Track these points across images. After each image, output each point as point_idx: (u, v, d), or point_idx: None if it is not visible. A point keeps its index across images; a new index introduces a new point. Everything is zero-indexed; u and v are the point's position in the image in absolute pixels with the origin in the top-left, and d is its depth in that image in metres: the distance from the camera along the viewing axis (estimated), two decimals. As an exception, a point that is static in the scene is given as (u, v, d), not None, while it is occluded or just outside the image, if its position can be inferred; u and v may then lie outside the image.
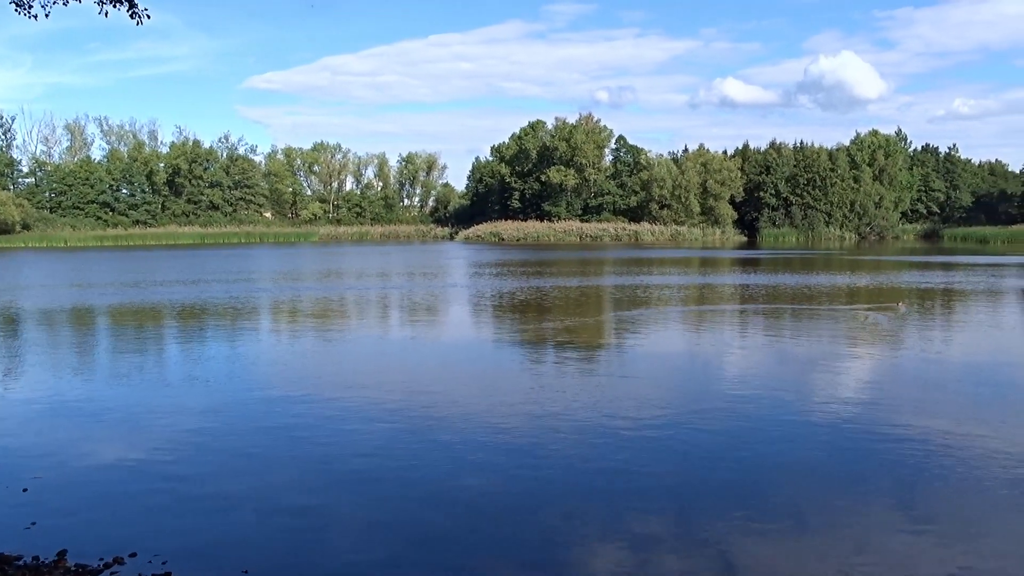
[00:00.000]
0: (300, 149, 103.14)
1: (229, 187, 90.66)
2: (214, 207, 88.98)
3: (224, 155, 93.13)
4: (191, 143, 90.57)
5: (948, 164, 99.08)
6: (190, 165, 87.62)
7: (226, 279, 29.58)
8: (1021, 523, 5.74)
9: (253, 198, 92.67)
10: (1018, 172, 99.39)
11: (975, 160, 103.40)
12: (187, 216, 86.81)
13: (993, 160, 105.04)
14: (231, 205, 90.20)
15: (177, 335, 15.84)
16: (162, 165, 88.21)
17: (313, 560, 5.28)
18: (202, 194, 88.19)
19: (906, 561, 5.13)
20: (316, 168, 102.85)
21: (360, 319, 18.41)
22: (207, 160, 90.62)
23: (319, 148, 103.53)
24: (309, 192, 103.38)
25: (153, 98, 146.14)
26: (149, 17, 7.25)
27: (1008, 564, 5.09)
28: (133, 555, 5.28)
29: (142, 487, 6.64)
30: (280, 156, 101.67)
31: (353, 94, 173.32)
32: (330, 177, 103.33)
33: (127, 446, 7.76)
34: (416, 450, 7.52)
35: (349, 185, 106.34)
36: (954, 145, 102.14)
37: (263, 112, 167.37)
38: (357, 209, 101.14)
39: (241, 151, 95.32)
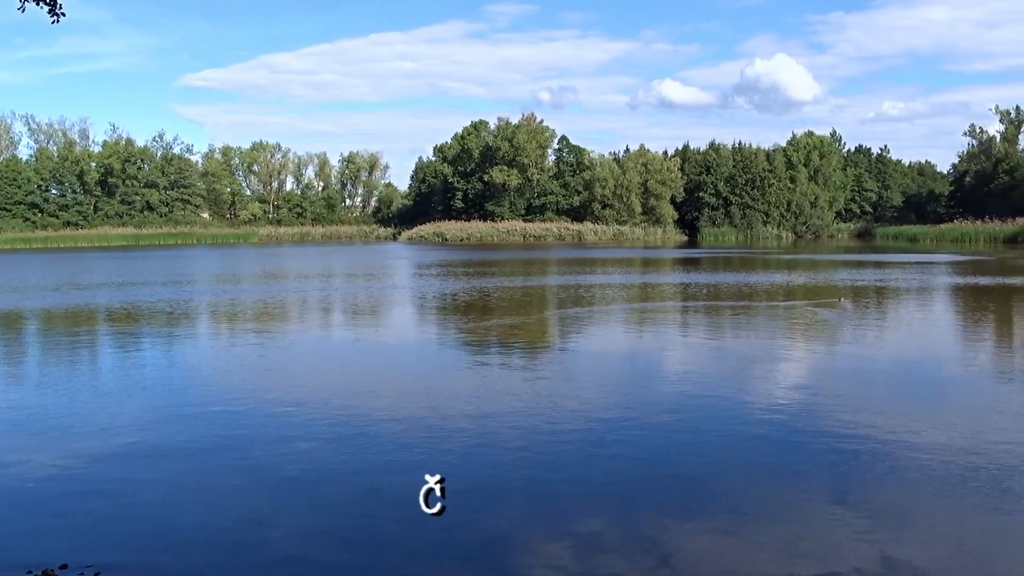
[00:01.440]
0: (238, 148, 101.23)
1: (165, 187, 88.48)
2: (149, 208, 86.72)
3: (159, 154, 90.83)
4: (124, 142, 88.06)
5: (880, 165, 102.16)
6: (123, 165, 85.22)
7: (162, 282, 28.86)
8: (948, 512, 5.92)
9: (190, 198, 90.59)
10: (945, 173, 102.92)
11: (905, 161, 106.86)
12: (121, 217, 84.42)
13: (922, 161, 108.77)
14: (167, 206, 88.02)
15: (110, 341, 15.40)
16: (94, 164, 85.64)
17: (255, 568, 5.17)
18: (136, 194, 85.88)
19: (840, 550, 5.25)
20: (255, 168, 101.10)
21: (301, 322, 18.15)
22: (141, 159, 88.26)
23: (258, 147, 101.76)
24: (248, 192, 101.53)
25: (84, 96, 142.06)
26: (64, 15, 7.01)
27: (936, 550, 5.26)
28: (63, 567, 5.09)
29: (73, 497, 6.41)
30: (218, 155, 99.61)
31: (292, 93, 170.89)
32: (270, 177, 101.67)
33: (57, 456, 7.49)
34: (360, 453, 7.43)
35: (289, 185, 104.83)
36: (885, 146, 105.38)
37: (199, 111, 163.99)
38: (298, 209, 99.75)
39: (177, 150, 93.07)
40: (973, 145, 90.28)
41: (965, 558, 5.18)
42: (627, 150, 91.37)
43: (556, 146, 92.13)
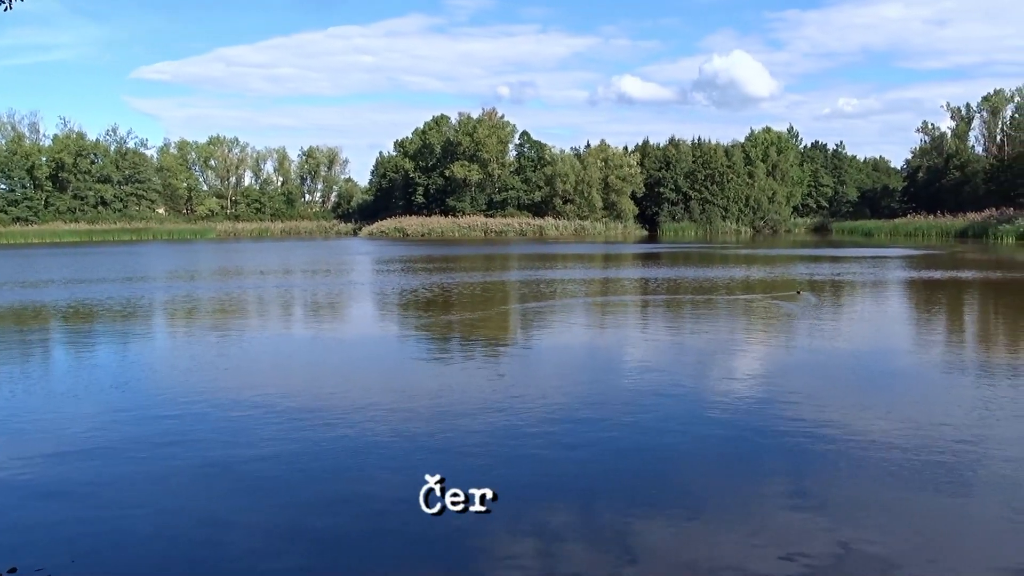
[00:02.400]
0: (195, 143, 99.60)
1: (119, 182, 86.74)
2: (103, 203, 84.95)
3: (113, 149, 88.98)
4: (76, 136, 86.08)
5: (836, 160, 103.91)
6: (75, 159, 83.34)
7: (115, 279, 28.28)
8: (902, 502, 6.02)
9: (145, 194, 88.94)
10: (899, 168, 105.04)
11: (860, 157, 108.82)
12: (73, 213, 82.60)
13: (877, 157, 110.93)
14: (121, 201, 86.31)
15: (60, 341, 15.04)
16: (44, 159, 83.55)
17: (213, 569, 5.07)
18: (89, 189, 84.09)
19: (798, 541, 5.31)
20: (212, 162, 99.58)
21: (260, 319, 17.90)
22: (94, 154, 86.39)
23: (215, 142, 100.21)
24: (205, 187, 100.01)
25: (34, 88, 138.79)
26: (11, 7, 6.79)
27: (893, 539, 5.34)
28: (12, 570, 4.94)
29: (24, 500, 6.24)
30: (173, 150, 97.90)
31: (250, 86, 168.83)
32: (227, 172, 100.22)
33: (7, 458, 7.28)
34: (319, 452, 7.33)
35: (248, 180, 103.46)
36: (841, 142, 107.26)
37: (154, 104, 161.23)
38: (257, 205, 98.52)
39: (131, 144, 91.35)
40: (925, 141, 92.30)
41: (921, 546, 5.27)
42: (588, 145, 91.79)
43: (517, 141, 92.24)
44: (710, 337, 14.28)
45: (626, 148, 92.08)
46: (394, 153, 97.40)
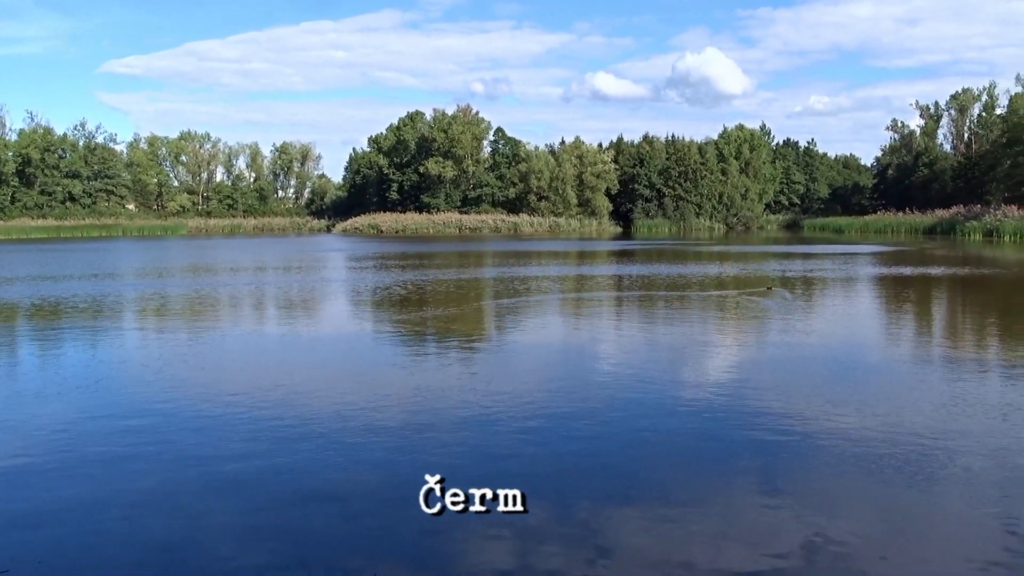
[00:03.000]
0: (165, 138, 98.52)
1: (88, 178, 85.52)
2: (71, 199, 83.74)
3: (81, 144, 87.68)
4: (43, 130, 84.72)
5: (807, 158, 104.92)
6: (43, 154, 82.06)
7: (83, 275, 27.87)
8: (869, 494, 6.09)
9: (114, 189, 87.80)
10: (869, 166, 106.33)
11: (831, 154, 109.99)
12: (40, 208, 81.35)
13: (847, 154, 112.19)
14: (90, 197, 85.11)
15: (27, 339, 14.79)
16: (11, 154, 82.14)
17: (188, 568, 5.01)
18: (57, 185, 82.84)
19: (769, 533, 5.37)
20: (183, 158, 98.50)
21: (232, 317, 17.72)
22: (62, 149, 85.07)
23: (186, 137, 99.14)
24: (176, 183, 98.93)
25: (0, 82, 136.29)
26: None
27: (863, 531, 5.40)
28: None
29: (-14, 500, 6.11)
30: (143, 145, 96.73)
31: (221, 81, 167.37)
32: (199, 168, 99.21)
33: (-31, 457, 7.12)
34: (292, 450, 7.27)
35: (219, 176, 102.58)
36: (812, 140, 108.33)
37: (124, 99, 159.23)
38: (229, 201, 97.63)
39: (100, 139, 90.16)
40: (895, 139, 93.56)
41: (890, 537, 5.33)
42: (562, 142, 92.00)
43: (492, 138, 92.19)
44: (683, 333, 14.35)
45: (600, 145, 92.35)
46: (368, 149, 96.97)
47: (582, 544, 5.26)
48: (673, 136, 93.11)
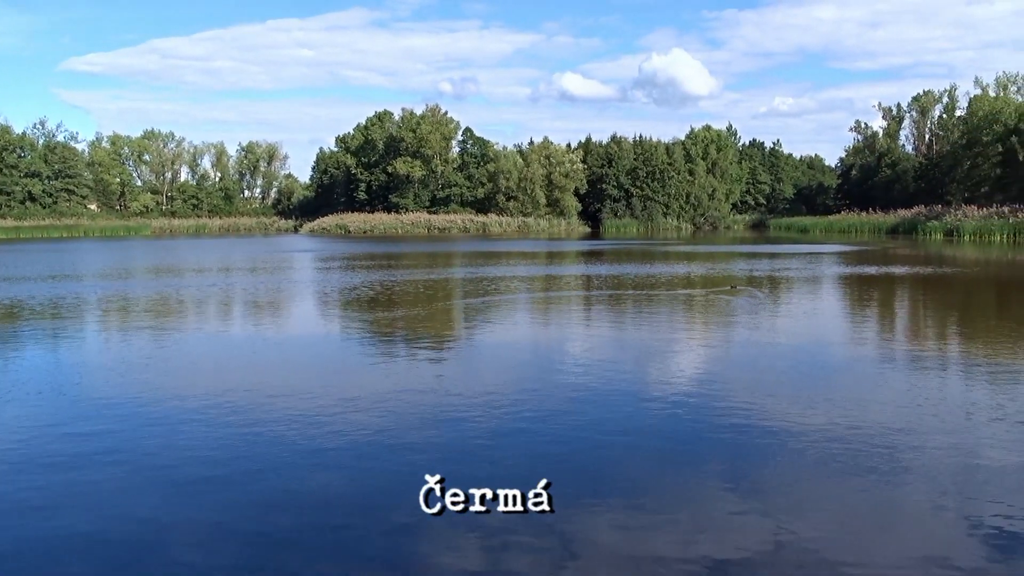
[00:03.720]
0: (128, 137, 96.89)
1: (48, 177, 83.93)
2: (31, 198, 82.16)
3: (41, 142, 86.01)
4: (1, 129, 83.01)
5: (773, 158, 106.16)
6: (1, 153, 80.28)
7: (44, 276, 27.31)
8: (834, 492, 6.17)
9: (76, 189, 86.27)
10: (833, 166, 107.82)
11: (796, 155, 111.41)
12: (-1, 208, 79.59)
13: (812, 155, 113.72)
14: (51, 196, 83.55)
15: (-15, 338, 14.43)
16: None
17: (149, 572, 4.90)
18: (16, 184, 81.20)
19: (737, 531, 5.41)
20: (147, 157, 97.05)
21: (198, 319, 17.47)
22: (21, 147, 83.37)
23: (150, 136, 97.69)
24: (139, 183, 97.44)
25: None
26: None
27: (825, 527, 5.47)
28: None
29: (-61, 507, 5.94)
30: (106, 144, 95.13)
31: (185, 79, 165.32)
32: (163, 167, 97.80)
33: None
34: (259, 452, 7.17)
35: (184, 176, 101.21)
36: (778, 140, 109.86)
37: (85, 96, 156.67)
38: (194, 201, 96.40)
39: (61, 138, 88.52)
40: (858, 140, 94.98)
41: (852, 532, 5.39)
42: (531, 142, 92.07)
43: (460, 138, 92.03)
44: (651, 332, 14.41)
45: (569, 145, 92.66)
46: (336, 149, 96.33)
47: (548, 542, 5.25)
48: (641, 136, 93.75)
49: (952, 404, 8.68)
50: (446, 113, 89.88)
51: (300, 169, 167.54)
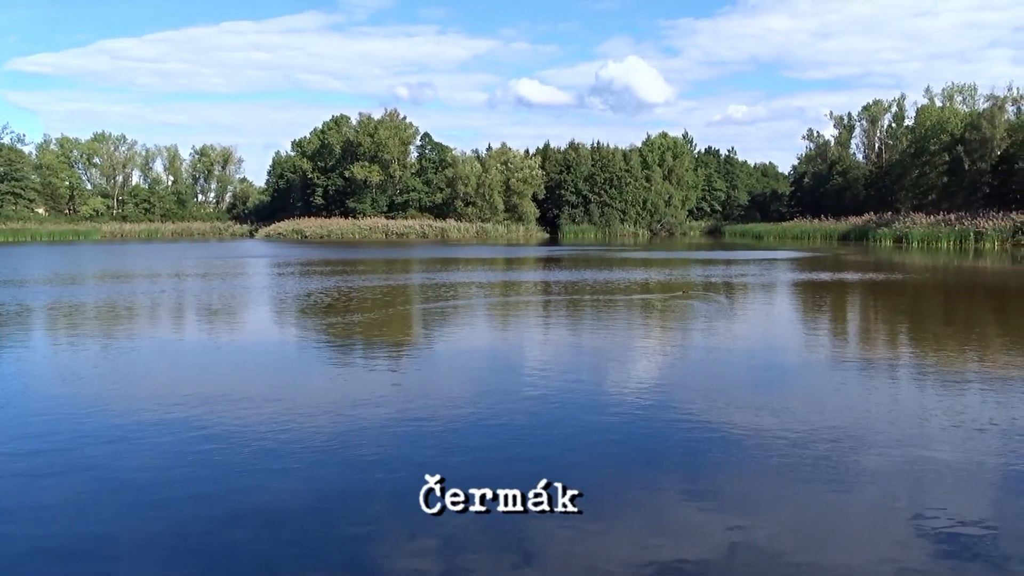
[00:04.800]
0: (77, 139, 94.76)
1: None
2: (-25, 202, 79.78)
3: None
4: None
5: (728, 165, 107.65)
6: (-56, 155, 77.97)
7: (-11, 282, 26.52)
8: (790, 493, 6.25)
9: (22, 192, 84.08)
10: (786, 174, 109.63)
11: (751, 162, 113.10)
12: (-59, 212, 77.24)
13: (766, 162, 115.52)
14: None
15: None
16: (-92, 154, 77.93)
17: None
18: (-41, 187, 78.82)
19: (692, 535, 5.44)
20: (97, 160, 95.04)
21: (150, 326, 17.10)
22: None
23: (100, 139, 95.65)
24: (89, 186, 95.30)
25: None
26: None
27: (779, 531, 5.53)
28: None
29: None
30: (54, 146, 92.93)
31: (137, 81, 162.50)
32: (113, 170, 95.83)
33: None
34: (213, 463, 7.02)
35: (136, 179, 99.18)
36: (732, 148, 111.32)
37: (32, 97, 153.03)
38: (146, 205, 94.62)
39: (6, 140, 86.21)
40: (810, 148, 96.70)
41: (806, 535, 5.47)
42: (489, 148, 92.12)
43: (419, 143, 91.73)
44: (608, 338, 14.47)
45: (527, 151, 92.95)
46: (292, 153, 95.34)
47: (503, 547, 5.22)
48: (598, 143, 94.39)
49: (904, 409, 8.85)
50: (404, 118, 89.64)
51: (255, 173, 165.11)
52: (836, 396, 9.49)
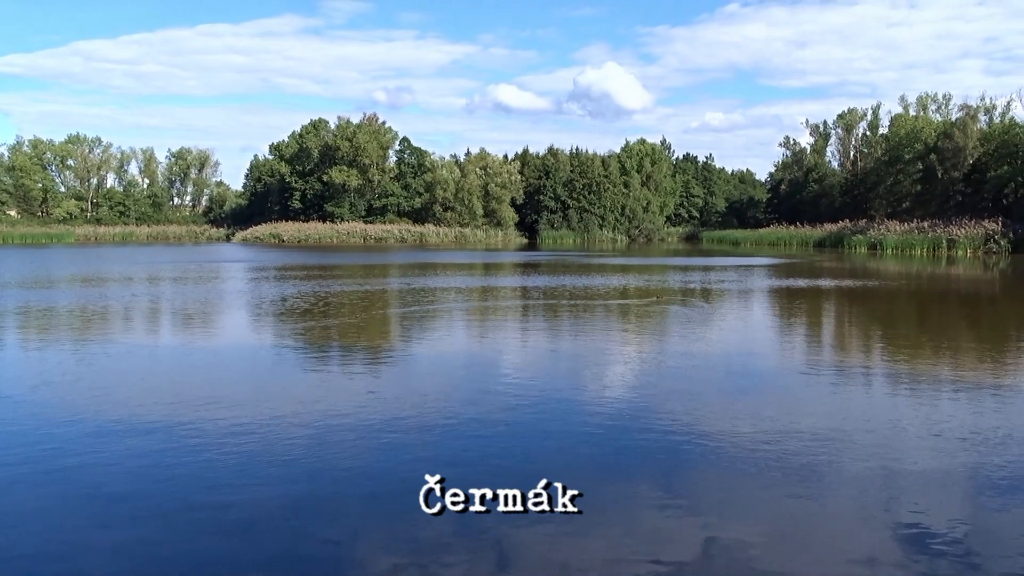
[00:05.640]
0: (51, 141, 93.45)
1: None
2: (-54, 204, 78.50)
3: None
4: (-86, 131, 79.26)
5: (706, 172, 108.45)
6: (-87, 156, 76.67)
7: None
8: (762, 496, 6.27)
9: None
10: (763, 181, 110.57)
11: (728, 169, 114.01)
12: (-89, 214, 75.95)
13: (744, 169, 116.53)
14: (-33, 202, 79.97)
15: None
16: None
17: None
18: (-71, 189, 77.55)
19: (668, 539, 5.46)
20: (71, 162, 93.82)
21: (123, 331, 16.90)
22: (-66, 151, 79.74)
23: (74, 140, 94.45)
24: (63, 189, 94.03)
25: None
26: None
27: (754, 535, 5.55)
28: None
29: None
30: (27, 148, 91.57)
31: (112, 83, 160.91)
32: (88, 173, 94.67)
33: None
34: (182, 469, 6.94)
35: (111, 182, 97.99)
36: (710, 155, 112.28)
37: (4, 98, 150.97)
38: (120, 208, 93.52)
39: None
40: (787, 156, 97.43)
41: (781, 541, 5.49)
42: (468, 153, 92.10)
43: (397, 147, 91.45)
44: (585, 343, 14.49)
45: (506, 156, 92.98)
46: (269, 156, 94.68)
47: (479, 550, 5.20)
48: (577, 149, 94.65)
49: (878, 413, 8.93)
50: (384, 123, 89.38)
51: (232, 177, 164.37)
52: (812, 401, 9.56)
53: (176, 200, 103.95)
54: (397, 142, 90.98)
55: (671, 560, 5.14)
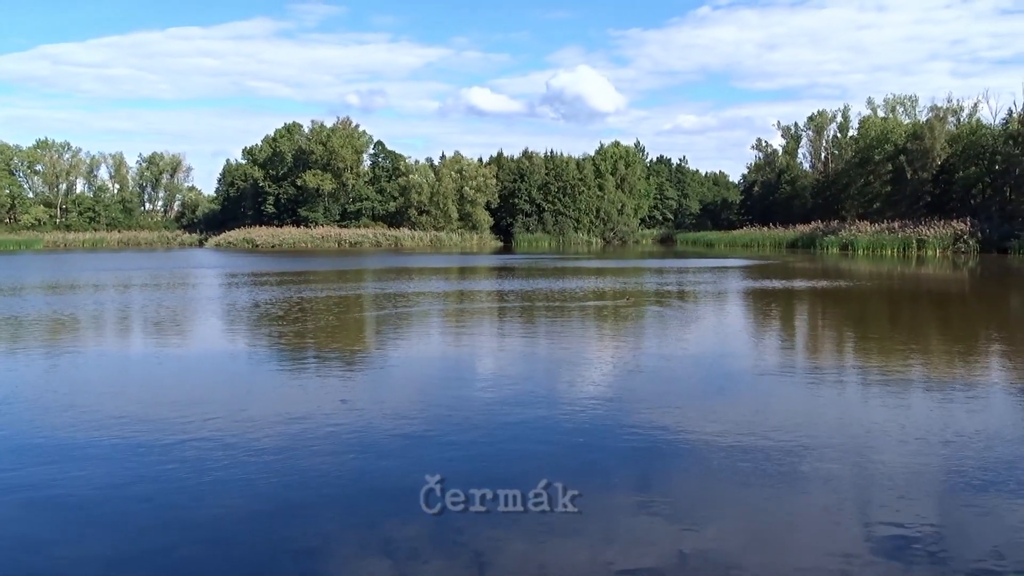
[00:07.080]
0: (18, 146, 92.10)
1: (-71, 188, 78.99)
2: (-91, 211, 77.07)
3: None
4: None
5: (679, 174, 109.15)
6: None
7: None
8: (741, 499, 6.29)
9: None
10: (737, 183, 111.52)
11: (702, 171, 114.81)
12: None
13: (717, 171, 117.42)
14: (-68, 209, 78.58)
15: None
16: None
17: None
18: None
19: (644, 542, 5.46)
20: (39, 168, 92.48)
21: (95, 338, 16.65)
22: (-102, 157, 78.32)
23: (42, 145, 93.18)
24: (31, 195, 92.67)
25: None
26: None
27: (730, 534, 5.59)
28: None
29: None
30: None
31: (81, 87, 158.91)
32: (57, 178, 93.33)
33: None
34: (155, 475, 6.83)
35: (80, 187, 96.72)
36: (684, 157, 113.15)
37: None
38: (90, 214, 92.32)
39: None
40: (759, 158, 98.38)
41: (757, 539, 5.52)
42: (443, 156, 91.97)
43: (372, 151, 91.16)
44: (561, 345, 14.50)
45: (481, 160, 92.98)
46: (242, 161, 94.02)
47: (456, 555, 5.17)
48: (552, 152, 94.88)
49: (852, 414, 9.00)
50: (357, 126, 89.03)
51: (204, 181, 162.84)
52: (786, 402, 9.63)
53: (148, 206, 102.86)
54: (371, 146, 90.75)
55: (642, 564, 5.12)
